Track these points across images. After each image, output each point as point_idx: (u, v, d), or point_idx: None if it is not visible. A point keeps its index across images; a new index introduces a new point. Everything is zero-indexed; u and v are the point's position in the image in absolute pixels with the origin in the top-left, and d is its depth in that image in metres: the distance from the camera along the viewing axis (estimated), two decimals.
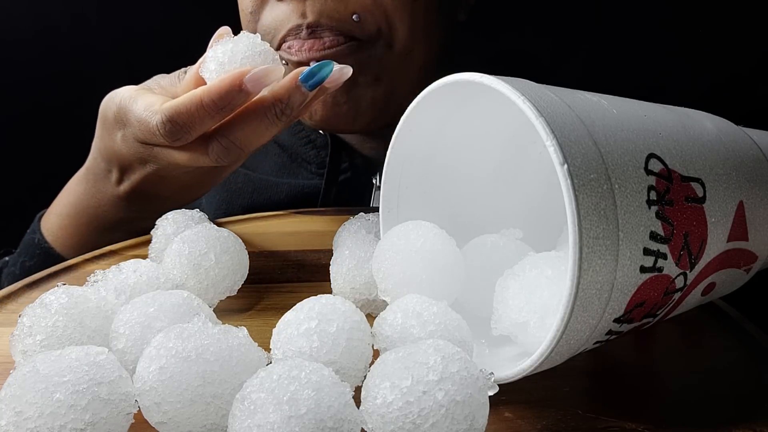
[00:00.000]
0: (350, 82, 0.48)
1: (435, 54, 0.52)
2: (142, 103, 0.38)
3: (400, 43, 0.48)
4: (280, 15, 0.47)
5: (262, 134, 0.37)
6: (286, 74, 0.40)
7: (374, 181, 0.56)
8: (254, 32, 0.48)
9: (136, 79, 0.43)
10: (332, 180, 0.55)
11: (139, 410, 0.23)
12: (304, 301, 0.27)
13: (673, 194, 0.26)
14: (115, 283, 0.31)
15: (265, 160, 0.59)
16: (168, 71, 0.43)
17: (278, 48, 0.48)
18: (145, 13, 0.75)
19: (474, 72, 0.26)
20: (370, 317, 0.32)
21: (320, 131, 0.57)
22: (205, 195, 0.56)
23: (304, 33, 0.46)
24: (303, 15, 0.46)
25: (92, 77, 0.70)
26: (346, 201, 0.55)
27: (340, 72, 0.37)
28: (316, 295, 0.28)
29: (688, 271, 0.27)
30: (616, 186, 0.23)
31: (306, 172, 0.58)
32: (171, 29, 0.74)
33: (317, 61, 0.46)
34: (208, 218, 0.41)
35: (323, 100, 0.49)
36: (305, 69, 0.36)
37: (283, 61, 0.48)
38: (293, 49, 0.47)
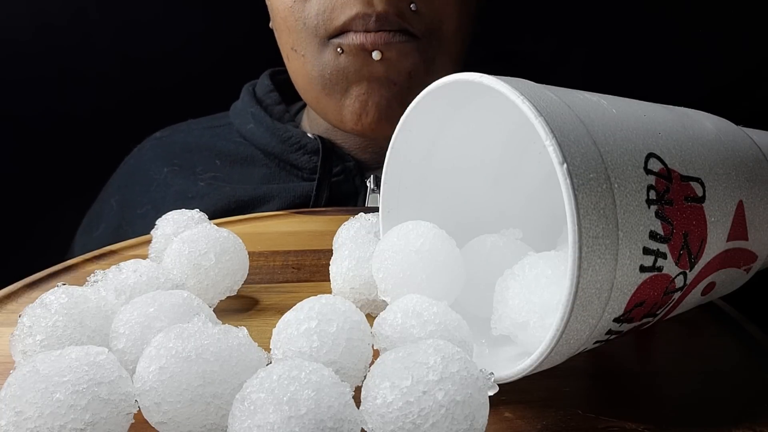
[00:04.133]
0: (408, 88, 0.48)
1: (462, 57, 0.53)
2: None
3: (448, 41, 0.48)
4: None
5: None
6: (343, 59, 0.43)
7: (368, 184, 0.55)
8: (298, 16, 0.46)
9: (136, 78, 0.43)
10: (323, 184, 0.54)
11: (139, 410, 0.23)
12: (304, 301, 0.27)
13: (673, 194, 0.26)
14: (115, 283, 0.31)
15: (253, 172, 0.57)
16: (167, 68, 0.43)
17: (335, 35, 0.47)
18: (145, 9, 0.74)
19: (474, 72, 0.26)
20: (370, 317, 0.32)
21: (309, 135, 0.56)
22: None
23: (372, 24, 0.45)
24: (369, 3, 0.44)
25: (91, 74, 0.70)
26: (337, 205, 0.54)
27: None
28: (316, 295, 0.28)
29: (687, 271, 0.27)
30: (616, 185, 0.24)
31: (297, 179, 0.56)
32: (171, 25, 0.74)
33: (381, 48, 0.46)
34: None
35: (377, 104, 0.49)
36: None
37: (339, 49, 0.47)
38: (358, 39, 0.46)
